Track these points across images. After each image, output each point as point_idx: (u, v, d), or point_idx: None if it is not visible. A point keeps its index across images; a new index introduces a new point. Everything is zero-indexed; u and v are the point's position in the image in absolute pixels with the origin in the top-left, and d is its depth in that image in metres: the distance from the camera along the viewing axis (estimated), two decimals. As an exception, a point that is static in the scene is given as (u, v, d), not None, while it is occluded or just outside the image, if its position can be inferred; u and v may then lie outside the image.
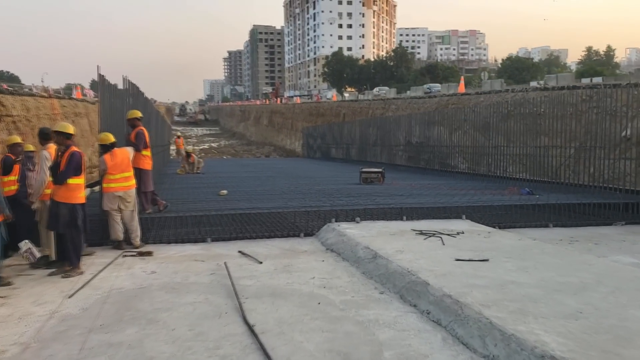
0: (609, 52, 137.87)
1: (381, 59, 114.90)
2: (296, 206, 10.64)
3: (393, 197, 12.05)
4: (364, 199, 11.78)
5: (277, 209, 10.30)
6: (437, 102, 26.59)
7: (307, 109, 59.04)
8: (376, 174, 15.16)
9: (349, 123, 33.32)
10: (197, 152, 66.40)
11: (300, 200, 11.56)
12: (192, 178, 18.25)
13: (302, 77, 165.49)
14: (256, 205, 10.86)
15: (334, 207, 10.44)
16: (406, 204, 10.65)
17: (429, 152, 23.23)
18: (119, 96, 10.73)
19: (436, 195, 12.27)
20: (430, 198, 11.81)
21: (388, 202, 11.05)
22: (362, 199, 11.69)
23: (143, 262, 7.60)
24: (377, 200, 11.41)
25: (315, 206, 10.59)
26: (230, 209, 10.20)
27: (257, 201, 11.51)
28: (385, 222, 9.50)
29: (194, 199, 11.86)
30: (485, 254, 6.97)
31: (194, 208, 10.48)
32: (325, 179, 17.69)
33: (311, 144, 39.67)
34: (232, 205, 10.86)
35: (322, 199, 11.78)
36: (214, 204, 11.12)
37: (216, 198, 12.14)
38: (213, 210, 10.15)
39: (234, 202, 11.40)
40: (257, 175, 19.46)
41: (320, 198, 11.99)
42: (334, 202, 11.28)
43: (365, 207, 10.36)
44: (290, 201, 11.47)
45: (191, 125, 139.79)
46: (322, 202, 11.21)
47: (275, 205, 10.86)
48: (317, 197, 12.25)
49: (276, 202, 11.38)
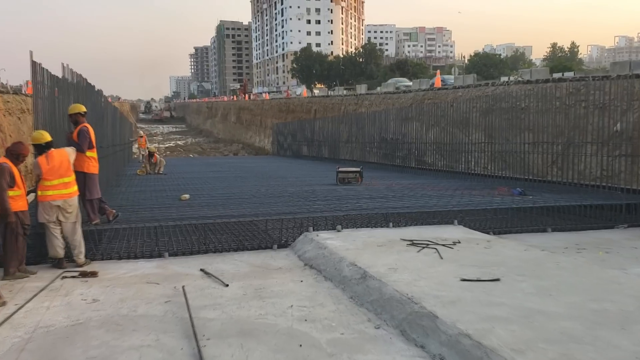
0: (573, 48, 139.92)
1: (350, 55, 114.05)
2: (268, 213, 9.43)
3: (375, 199, 10.93)
4: (344, 202, 10.64)
5: (246, 217, 9.07)
6: (412, 98, 25.65)
7: (277, 105, 57.60)
8: (354, 173, 14.03)
9: (320, 119, 32.18)
10: (162, 150, 64.48)
11: (272, 206, 10.35)
12: (153, 179, 16.84)
13: (271, 74, 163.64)
14: (222, 212, 9.61)
15: (310, 212, 9.27)
16: (391, 208, 9.56)
17: (404, 150, 22.27)
18: (62, 88, 9.33)
19: (421, 197, 11.22)
20: (415, 200, 10.75)
21: (370, 206, 9.93)
22: (341, 203, 10.54)
23: (85, 286, 6.30)
24: (358, 204, 10.28)
25: (290, 212, 9.40)
26: (192, 218, 8.93)
27: (224, 207, 10.25)
28: (370, 230, 8.38)
29: (150, 206, 10.52)
30: (493, 270, 5.91)
31: (150, 217, 9.17)
32: (298, 179, 16.50)
33: (281, 141, 38.38)
34: (195, 212, 9.59)
35: (297, 204, 10.59)
36: (173, 211, 9.82)
37: (177, 203, 10.84)
38: (172, 219, 8.86)
39: (196, 208, 10.12)
40: (224, 176, 18.15)
41: (294, 202, 10.80)
42: (310, 206, 10.10)
43: (346, 212, 9.22)
44: (260, 206, 10.25)
45: (157, 122, 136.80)
46: (296, 208, 10.02)
47: (243, 211, 9.63)
48: (290, 201, 11.05)
49: (245, 207, 10.14)
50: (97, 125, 12.31)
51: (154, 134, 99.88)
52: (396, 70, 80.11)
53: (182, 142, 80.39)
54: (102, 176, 13.52)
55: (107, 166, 14.33)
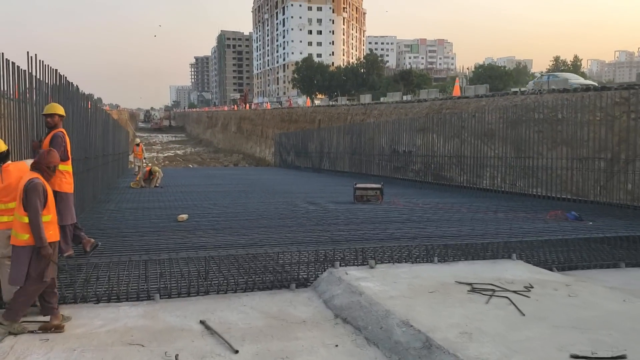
0: (575, 62, 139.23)
1: (352, 65, 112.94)
2: (281, 240, 7.80)
3: (405, 224, 9.31)
4: (369, 227, 9.01)
5: (256, 246, 7.43)
6: (428, 107, 24.07)
7: (279, 115, 56.07)
8: (374, 190, 12.40)
9: (325, 130, 30.63)
10: (160, 160, 62.82)
11: (285, 230, 8.72)
12: (147, 194, 15.20)
13: (271, 84, 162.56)
14: (227, 238, 7.98)
15: (334, 242, 7.65)
16: (430, 237, 7.94)
17: (419, 163, 20.68)
18: (38, 89, 7.74)
19: (458, 222, 9.60)
20: (453, 226, 9.13)
21: (404, 233, 8.30)
22: (366, 227, 8.92)
23: (43, 349, 4.66)
24: (387, 230, 8.66)
25: (308, 240, 7.77)
26: (191, 246, 7.30)
27: (228, 230, 8.63)
28: (412, 267, 6.74)
29: (141, 229, 8.87)
30: (602, 337, 4.28)
31: (139, 246, 7.52)
32: (307, 195, 14.88)
33: (284, 152, 36.82)
34: (194, 238, 7.96)
35: (313, 227, 8.97)
36: (168, 236, 8.18)
37: (172, 226, 9.21)
38: (165, 248, 7.22)
39: (195, 233, 8.49)
40: (226, 190, 16.53)
41: (310, 225, 9.17)
42: (330, 232, 8.47)
43: (377, 241, 7.59)
44: (271, 230, 8.63)
45: (156, 131, 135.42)
46: (315, 233, 8.40)
47: (252, 237, 8.00)
48: (305, 223, 9.43)
49: (253, 232, 8.52)
50: (83, 133, 10.71)
51: (153, 143, 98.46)
52: (400, 81, 78.75)
53: (182, 152, 78.88)
54: (88, 191, 11.91)
55: (94, 179, 12.73)
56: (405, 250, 7.20)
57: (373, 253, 7.02)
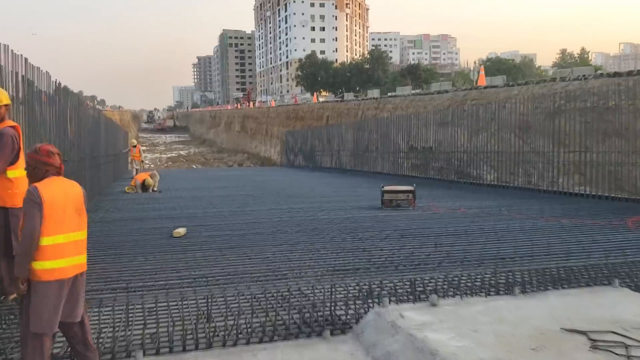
0: (583, 54, 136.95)
1: (357, 61, 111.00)
2: (304, 263, 6.05)
3: (455, 237, 7.55)
4: (414, 242, 7.24)
5: (273, 276, 5.66)
6: (450, 98, 22.26)
7: (284, 112, 54.28)
8: (405, 194, 10.62)
9: (335, 126, 28.88)
10: (163, 161, 61.18)
11: (307, 246, 6.97)
12: (143, 200, 13.47)
13: (274, 82, 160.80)
14: (233, 262, 6.23)
15: (374, 264, 5.89)
16: (499, 256, 6.18)
17: (441, 160, 18.92)
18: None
19: (523, 232, 7.82)
20: (518, 237, 7.36)
21: (460, 250, 6.54)
22: (410, 243, 7.15)
23: None
24: (438, 246, 6.88)
25: (342, 263, 6.01)
26: (186, 279, 5.54)
27: (235, 250, 6.88)
28: (488, 303, 4.97)
29: (126, 250, 7.10)
30: None
31: (119, 276, 5.78)
32: (325, 198, 13.14)
33: (291, 151, 35.07)
34: (193, 264, 6.22)
35: (344, 244, 7.21)
36: (158, 260, 6.43)
37: (165, 244, 7.45)
38: (153, 284, 5.47)
39: (194, 254, 6.74)
40: (231, 194, 14.80)
41: (339, 241, 7.41)
42: (368, 251, 6.71)
43: (434, 267, 5.82)
44: (290, 249, 6.88)
45: (159, 132, 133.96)
46: (347, 253, 6.63)
47: (266, 260, 6.25)
48: (332, 238, 7.67)
49: (267, 251, 6.76)
50: (60, 133, 8.99)
51: (156, 143, 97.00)
52: (407, 75, 76.85)
53: (185, 152, 77.27)
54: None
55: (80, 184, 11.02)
56: (474, 279, 5.44)
57: (432, 283, 5.26)
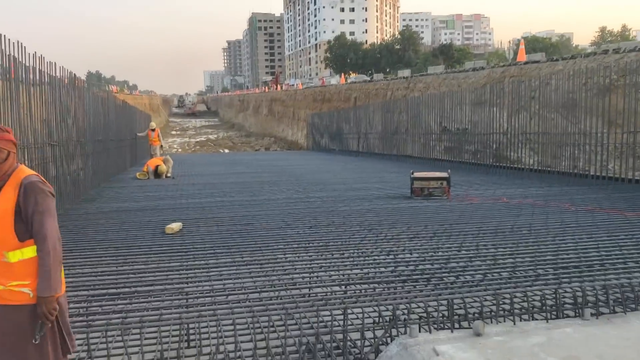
0: (624, 31, 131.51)
1: (387, 42, 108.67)
2: (313, 273, 4.85)
3: (505, 236, 6.22)
4: (452, 243, 5.96)
5: (268, 299, 4.44)
6: (486, 76, 20.61)
7: (311, 95, 52.87)
8: (439, 181, 9.28)
9: (363, 108, 27.49)
10: (191, 145, 60.65)
11: (318, 248, 5.77)
12: (150, 188, 12.44)
13: (303, 65, 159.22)
14: (232, 269, 5.06)
15: (398, 275, 4.65)
16: (560, 264, 4.87)
17: (477, 143, 17.44)
18: None
19: (589, 230, 6.45)
20: (581, 239, 6.01)
21: (516, 258, 5.24)
22: (446, 246, 5.87)
23: None
24: (488, 251, 5.59)
25: (357, 278, 4.78)
26: (170, 295, 4.38)
27: (231, 254, 5.72)
28: (552, 332, 3.70)
29: (105, 251, 5.95)
30: None
31: (89, 285, 4.64)
32: (347, 186, 11.92)
33: (317, 134, 33.84)
34: (179, 269, 5.07)
35: (361, 246, 5.97)
36: (140, 267, 5.30)
37: (151, 246, 6.31)
38: (122, 318, 4.31)
39: (187, 255, 5.59)
40: (247, 181, 13.68)
41: (356, 243, 6.16)
42: (395, 258, 5.46)
43: (476, 283, 4.55)
44: (298, 251, 5.69)
45: (189, 116, 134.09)
46: (364, 260, 5.39)
47: (268, 269, 5.07)
48: (348, 238, 6.43)
49: (271, 255, 5.58)
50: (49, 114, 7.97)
51: (186, 128, 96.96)
52: (439, 56, 74.57)
53: (214, 137, 76.77)
54: (67, 186, 9.25)
55: (85, 169, 10.09)
56: (521, 291, 4.15)
57: (473, 300, 4.01)
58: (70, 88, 10.00)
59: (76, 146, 10.35)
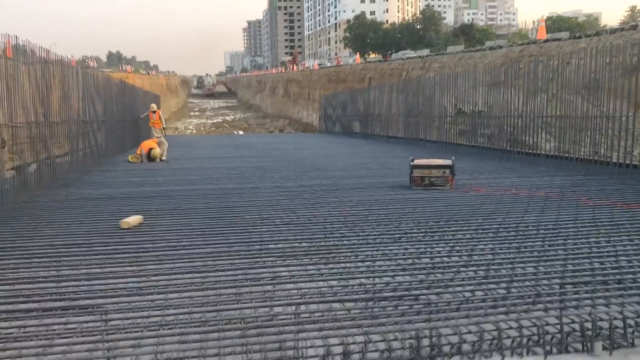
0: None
1: (407, 22, 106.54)
2: (262, 293, 4.03)
3: (511, 240, 5.33)
4: (439, 248, 5.09)
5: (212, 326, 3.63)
6: (504, 55, 19.37)
7: (326, 75, 51.71)
8: (441, 169, 8.33)
9: (376, 88, 26.45)
10: (207, 126, 60.07)
11: (284, 254, 4.94)
12: (137, 173, 11.69)
13: (323, 45, 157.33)
14: (197, 281, 4.26)
15: (370, 294, 3.80)
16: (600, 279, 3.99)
17: (492, 126, 16.39)
18: None
19: (630, 231, 5.52)
20: (623, 241, 5.10)
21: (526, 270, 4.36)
22: (436, 251, 5.00)
23: None
24: (484, 258, 4.72)
25: (317, 297, 3.95)
26: (110, 317, 3.58)
27: (185, 263, 4.92)
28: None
29: (45, 255, 5.12)
30: None
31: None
32: (345, 173, 11.07)
33: (330, 116, 32.88)
34: (126, 281, 4.28)
35: (336, 253, 5.13)
36: (78, 278, 4.49)
37: (99, 244, 5.53)
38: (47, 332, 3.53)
39: (140, 261, 4.80)
40: (242, 166, 12.90)
41: (331, 247, 5.31)
42: (374, 267, 4.61)
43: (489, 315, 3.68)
44: (260, 260, 4.87)
45: (208, 97, 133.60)
46: (328, 273, 4.56)
47: (216, 290, 4.25)
48: (325, 236, 5.59)
49: (226, 262, 4.77)
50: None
51: (204, 109, 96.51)
52: (460, 35, 72.61)
53: (230, 118, 76.15)
54: (42, 168, 8.58)
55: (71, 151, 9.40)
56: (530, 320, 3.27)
57: (464, 332, 3.15)
58: (45, 65, 9.27)
59: (54, 128, 9.66)
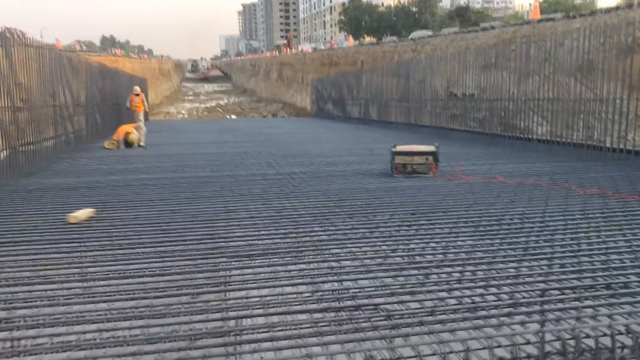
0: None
1: (403, 4, 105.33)
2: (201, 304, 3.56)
3: (487, 235, 4.87)
4: (414, 244, 4.62)
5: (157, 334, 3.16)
6: (496, 36, 18.78)
7: (319, 58, 50.90)
8: (423, 157, 7.82)
9: (367, 71, 25.87)
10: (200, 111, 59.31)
11: (236, 260, 4.47)
12: (110, 160, 11.15)
13: (318, 29, 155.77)
14: (149, 290, 3.78)
15: (319, 301, 3.33)
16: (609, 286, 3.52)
17: (484, 110, 15.89)
18: None
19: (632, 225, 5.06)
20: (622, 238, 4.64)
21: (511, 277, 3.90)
22: (410, 249, 4.53)
23: None
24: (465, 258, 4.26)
25: (275, 304, 3.48)
26: None
27: (133, 269, 4.45)
28: None
29: None
30: None
31: None
32: (329, 159, 10.58)
33: (321, 100, 32.29)
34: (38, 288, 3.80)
35: (303, 253, 4.66)
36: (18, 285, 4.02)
37: (40, 241, 5.04)
38: None
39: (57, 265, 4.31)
40: (223, 152, 12.38)
41: (297, 244, 4.84)
42: (336, 271, 4.14)
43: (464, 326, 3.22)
44: (212, 261, 4.40)
45: (202, 81, 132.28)
46: (287, 276, 4.09)
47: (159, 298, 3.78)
48: (293, 229, 5.12)
49: (172, 263, 4.30)
50: None
51: (197, 93, 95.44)
52: (455, 18, 71.75)
53: (224, 102, 75.23)
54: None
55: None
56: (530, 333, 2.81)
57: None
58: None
59: (17, 113, 9.11)
